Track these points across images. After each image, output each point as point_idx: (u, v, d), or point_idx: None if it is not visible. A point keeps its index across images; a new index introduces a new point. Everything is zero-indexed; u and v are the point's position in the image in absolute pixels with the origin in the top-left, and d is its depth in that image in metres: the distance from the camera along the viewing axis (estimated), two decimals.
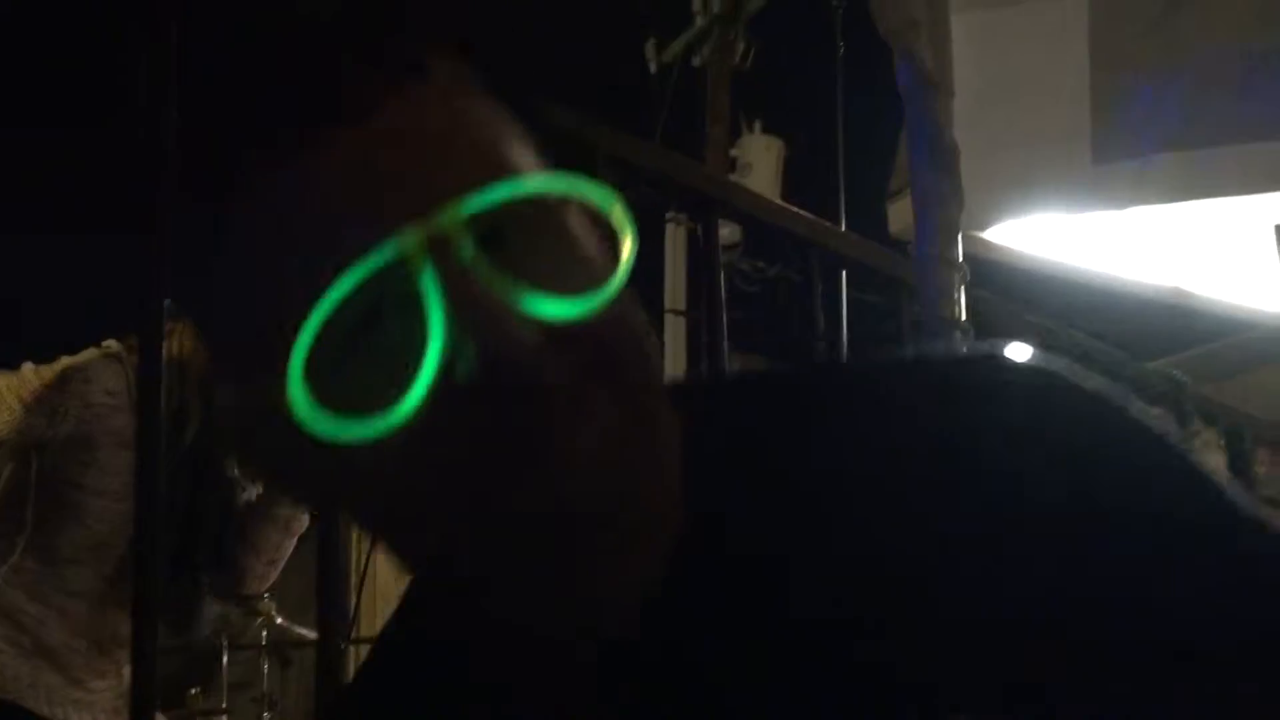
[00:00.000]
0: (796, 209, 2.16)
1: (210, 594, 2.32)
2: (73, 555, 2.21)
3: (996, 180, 2.25)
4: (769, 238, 2.38)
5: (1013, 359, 0.64)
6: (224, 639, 4.27)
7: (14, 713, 2.14)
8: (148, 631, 1.35)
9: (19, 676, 2.16)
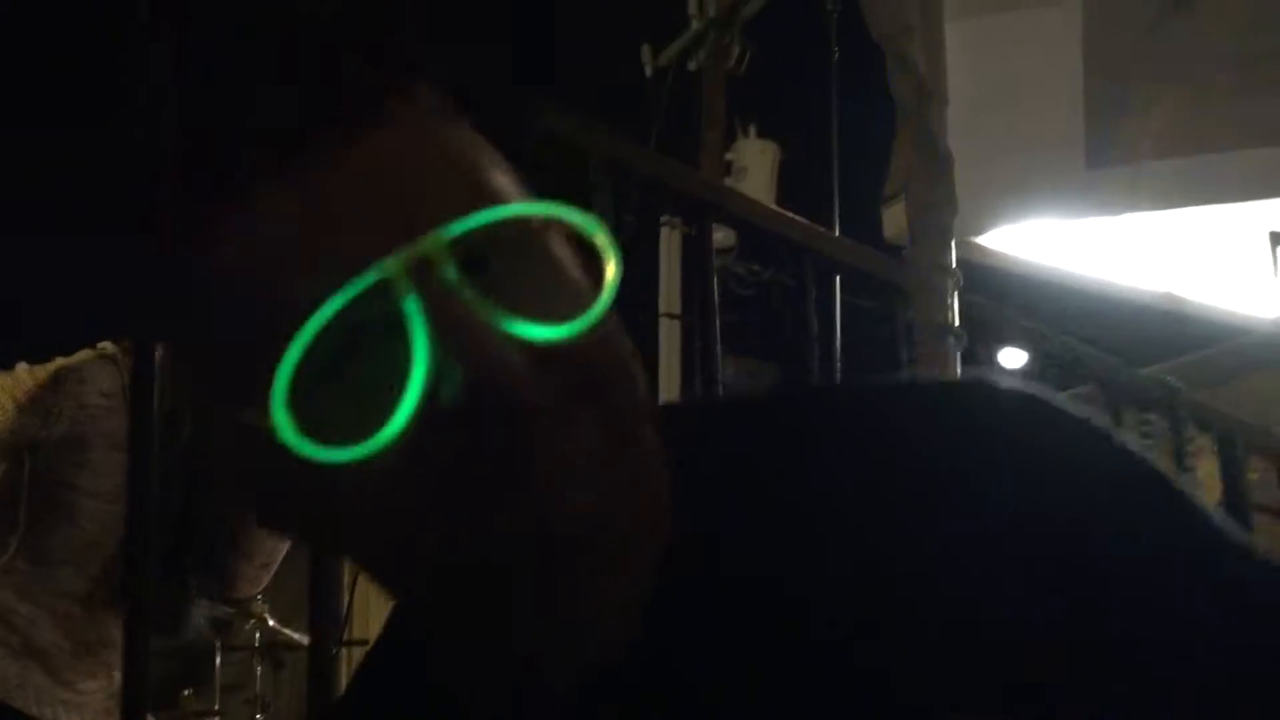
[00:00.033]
0: (791, 214, 2.17)
1: (199, 596, 2.32)
2: (65, 556, 2.20)
3: (990, 186, 2.25)
4: (764, 242, 2.38)
5: (1002, 383, 0.65)
6: (217, 641, 4.27)
7: (3, 713, 2.13)
8: (139, 633, 1.35)
9: (8, 677, 2.16)
